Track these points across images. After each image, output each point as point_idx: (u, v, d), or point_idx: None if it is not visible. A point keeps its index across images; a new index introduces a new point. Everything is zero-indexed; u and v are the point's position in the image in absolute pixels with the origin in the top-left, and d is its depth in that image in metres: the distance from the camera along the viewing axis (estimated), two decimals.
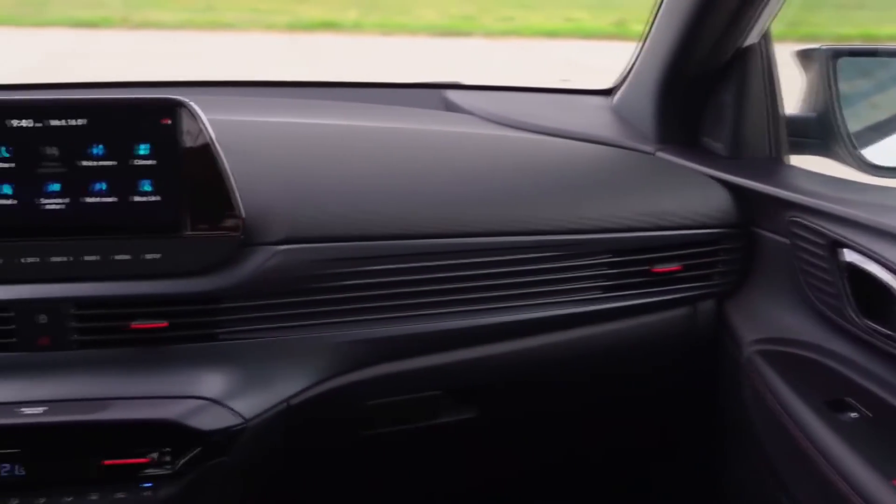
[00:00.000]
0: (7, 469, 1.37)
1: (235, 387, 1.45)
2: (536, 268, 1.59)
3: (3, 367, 1.42)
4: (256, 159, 1.53)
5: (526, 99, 2.11)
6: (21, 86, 2.02)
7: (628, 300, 1.64)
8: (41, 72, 7.43)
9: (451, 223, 1.56)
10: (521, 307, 1.59)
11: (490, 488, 1.91)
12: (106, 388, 1.41)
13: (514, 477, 1.91)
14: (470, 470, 1.84)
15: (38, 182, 1.40)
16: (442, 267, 1.55)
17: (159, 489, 1.40)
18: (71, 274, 1.42)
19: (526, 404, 1.70)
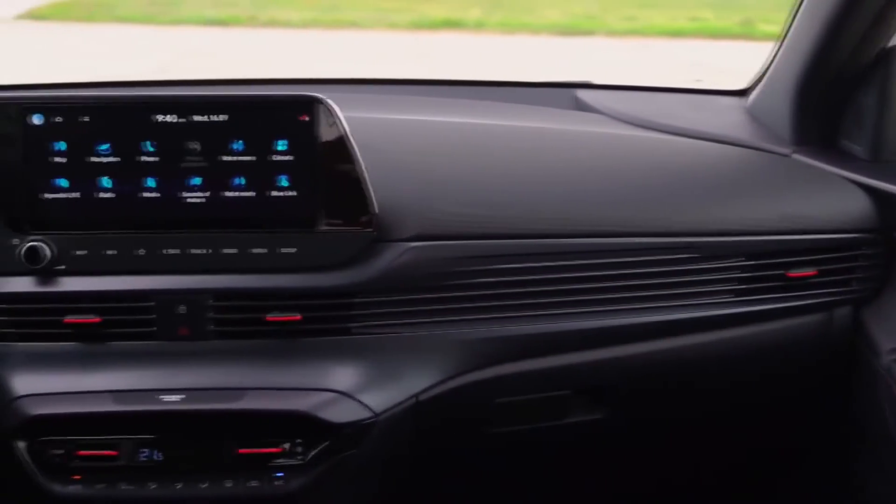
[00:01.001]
0: (146, 454, 1.42)
1: (366, 381, 1.46)
2: (667, 269, 1.57)
3: (144, 355, 1.46)
4: (389, 156, 1.55)
5: (657, 99, 2.09)
6: (158, 82, 2.07)
7: (762, 304, 1.61)
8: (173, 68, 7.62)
9: (582, 223, 1.55)
10: (650, 309, 1.57)
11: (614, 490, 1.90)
12: (241, 379, 1.44)
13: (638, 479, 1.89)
14: (594, 471, 1.83)
15: (181, 176, 1.44)
16: (572, 267, 1.54)
17: (290, 479, 1.43)
18: (210, 266, 1.46)
19: (654, 407, 1.68)
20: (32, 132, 1.42)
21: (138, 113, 1.43)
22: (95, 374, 1.44)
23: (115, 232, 1.45)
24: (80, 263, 1.45)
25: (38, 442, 1.40)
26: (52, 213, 1.44)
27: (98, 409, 1.41)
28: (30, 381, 1.43)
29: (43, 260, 1.42)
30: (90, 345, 1.46)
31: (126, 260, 1.45)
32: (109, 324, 1.45)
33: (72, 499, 1.41)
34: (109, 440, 1.41)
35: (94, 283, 1.45)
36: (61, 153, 1.43)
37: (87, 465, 1.41)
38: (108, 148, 1.43)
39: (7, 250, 1.43)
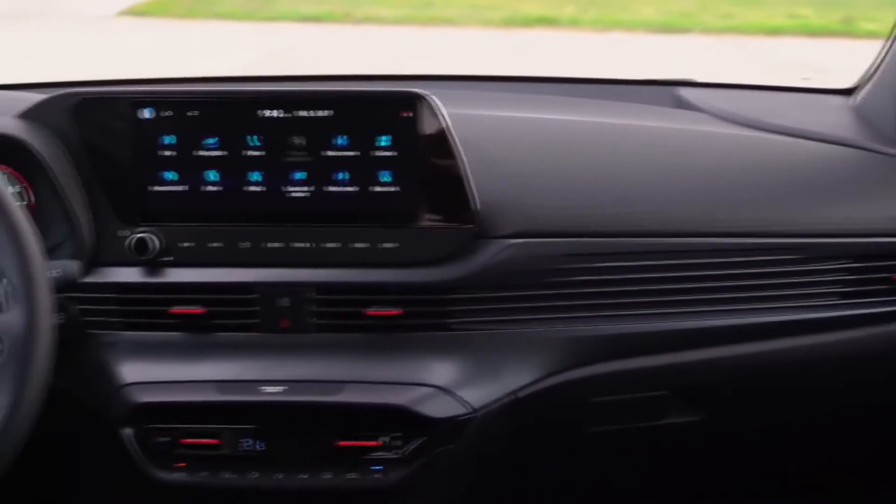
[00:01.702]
0: (248, 444, 1.44)
1: (465, 376, 1.47)
2: (771, 271, 1.54)
3: (246, 346, 1.48)
4: (490, 153, 1.55)
5: (761, 97, 2.05)
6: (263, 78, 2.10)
7: (868, 308, 1.58)
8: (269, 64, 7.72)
9: (686, 223, 1.53)
10: (753, 310, 1.54)
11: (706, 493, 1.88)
12: (340, 372, 1.46)
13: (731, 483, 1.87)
14: (687, 474, 1.81)
15: (285, 170, 1.46)
16: (673, 266, 1.52)
17: (389, 473, 1.44)
18: (312, 259, 1.47)
19: (754, 410, 1.65)
20: (142, 126, 1.46)
21: (245, 108, 1.45)
22: (199, 364, 1.47)
23: (221, 224, 1.48)
24: (187, 255, 1.47)
25: (144, 429, 1.44)
26: (160, 206, 1.47)
27: (202, 399, 1.43)
28: (136, 369, 1.46)
29: (151, 251, 1.45)
30: (194, 335, 1.49)
31: (230, 252, 1.47)
32: (213, 315, 1.47)
33: (176, 485, 1.44)
34: (212, 429, 1.44)
35: (199, 275, 1.47)
36: (170, 147, 1.46)
37: (190, 453, 1.44)
38: (216, 142, 1.46)
39: (117, 241, 1.47)
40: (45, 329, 1.18)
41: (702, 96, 1.97)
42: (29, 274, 1.18)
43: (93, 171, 1.47)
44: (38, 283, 1.18)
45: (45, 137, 1.46)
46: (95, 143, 1.47)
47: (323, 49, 8.81)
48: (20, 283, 1.18)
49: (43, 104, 1.49)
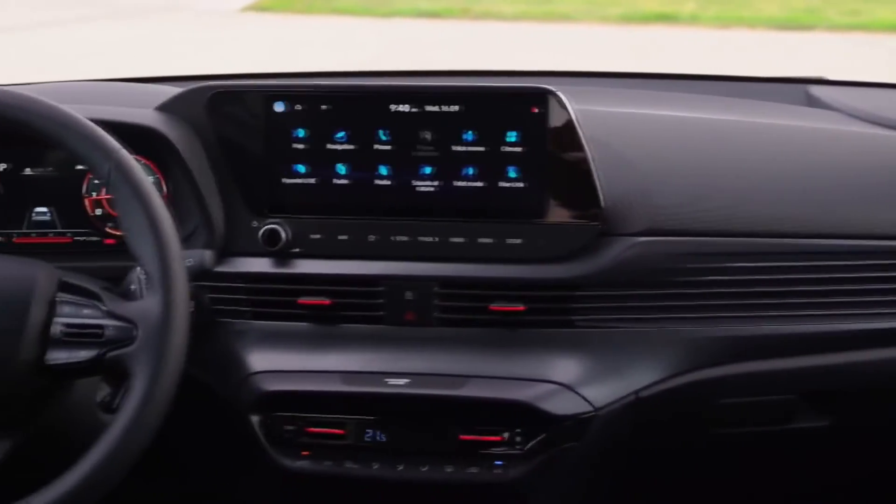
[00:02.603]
0: (370, 435, 1.45)
1: (587, 374, 1.46)
2: None
3: (371, 338, 1.50)
4: (617, 150, 1.54)
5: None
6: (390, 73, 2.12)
7: None
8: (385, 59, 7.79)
9: (818, 224, 1.50)
10: (886, 315, 1.50)
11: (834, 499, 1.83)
12: (464, 366, 1.46)
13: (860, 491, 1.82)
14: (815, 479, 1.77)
15: (413, 164, 1.47)
16: (802, 268, 1.49)
17: (509, 468, 1.44)
18: (437, 254, 1.48)
19: (887, 415, 1.61)
20: (275, 119, 1.48)
21: (375, 102, 1.47)
22: (325, 354, 1.49)
23: (349, 217, 1.49)
24: (315, 247, 1.50)
25: (270, 417, 1.46)
26: (290, 198, 1.50)
27: (327, 389, 1.45)
28: (264, 358, 1.49)
29: (280, 242, 1.48)
30: (321, 326, 1.51)
31: (358, 245, 1.49)
32: (340, 306, 1.49)
33: (300, 473, 1.46)
34: (337, 419, 1.45)
35: (327, 267, 1.49)
36: (301, 140, 1.48)
37: (315, 442, 1.46)
38: (345, 136, 1.48)
39: (248, 232, 1.50)
40: (181, 317, 1.21)
41: (834, 94, 1.93)
42: (166, 262, 1.21)
43: (226, 163, 1.50)
44: (176, 271, 1.21)
45: (181, 129, 1.50)
46: (229, 135, 1.50)
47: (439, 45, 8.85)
48: (157, 272, 1.21)
49: (179, 97, 1.53)
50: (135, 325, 1.20)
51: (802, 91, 1.98)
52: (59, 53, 8.09)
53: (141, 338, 1.19)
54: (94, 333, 1.21)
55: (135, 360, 1.19)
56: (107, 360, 1.21)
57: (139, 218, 1.22)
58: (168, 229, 1.22)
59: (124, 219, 1.24)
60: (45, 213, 1.58)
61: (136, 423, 1.17)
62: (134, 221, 1.23)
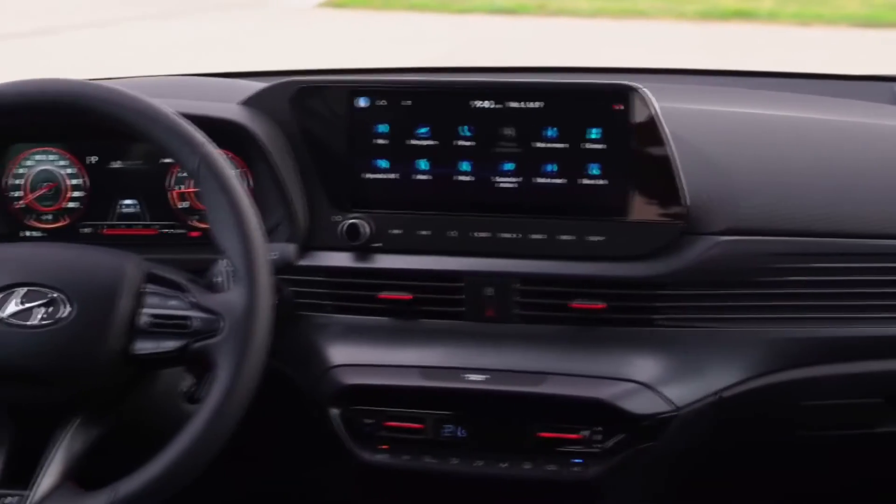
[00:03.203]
0: (450, 430, 1.46)
1: (668, 374, 1.45)
2: None
3: (450, 333, 1.50)
4: (699, 148, 1.52)
5: None
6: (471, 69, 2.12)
7: None
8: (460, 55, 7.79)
9: None
10: None
11: None
12: (543, 363, 1.46)
13: None
14: None
15: (494, 161, 1.47)
16: (891, 269, 1.46)
17: (588, 467, 1.43)
18: (518, 250, 1.48)
19: None
20: (358, 114, 1.49)
21: (457, 98, 1.47)
22: (405, 349, 1.50)
23: (430, 213, 1.50)
24: (396, 242, 1.50)
25: (350, 410, 1.47)
26: (371, 193, 1.51)
27: (407, 384, 1.46)
28: (345, 351, 1.50)
29: (362, 237, 1.49)
30: (401, 321, 1.51)
31: (438, 240, 1.50)
32: (420, 301, 1.50)
33: (379, 467, 1.47)
34: (416, 414, 1.46)
35: (407, 262, 1.50)
36: (383, 135, 1.49)
37: (394, 436, 1.47)
38: (427, 131, 1.48)
39: (330, 226, 1.51)
40: (265, 309, 1.22)
41: None
42: (251, 256, 1.22)
43: (309, 158, 1.52)
44: (260, 264, 1.23)
45: (265, 124, 1.51)
46: (312, 130, 1.51)
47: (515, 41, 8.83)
48: (242, 265, 1.22)
49: (264, 92, 1.55)
50: (220, 316, 1.22)
51: (888, 89, 1.94)
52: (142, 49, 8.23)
53: (226, 329, 1.21)
54: (181, 324, 1.23)
55: (219, 351, 1.21)
56: (192, 351, 1.23)
57: (225, 211, 1.24)
58: (253, 223, 1.24)
59: (210, 212, 1.26)
60: (133, 205, 1.61)
61: (220, 413, 1.19)
62: (220, 215, 1.24)
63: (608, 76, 1.99)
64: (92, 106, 1.26)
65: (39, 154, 1.61)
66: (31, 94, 1.28)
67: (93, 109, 1.26)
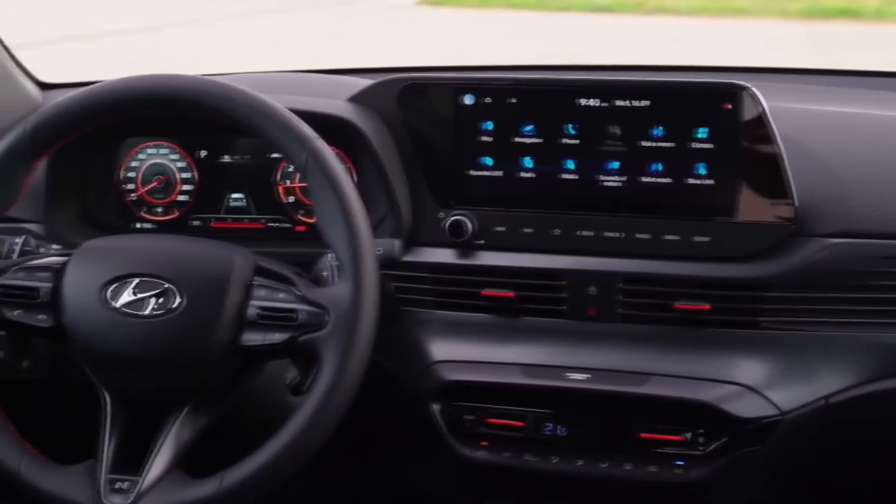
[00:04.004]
0: (550, 428, 1.46)
1: (774, 377, 1.42)
2: None
3: (551, 332, 1.50)
4: (810, 148, 1.50)
5: None
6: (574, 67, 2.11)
7: None
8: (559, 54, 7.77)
9: None
10: None
11: None
12: (645, 363, 1.45)
13: None
14: None
15: (599, 159, 1.47)
16: None
17: (690, 469, 1.42)
18: (622, 249, 1.47)
19: None
20: (464, 112, 1.50)
21: (563, 96, 1.47)
22: (506, 346, 1.50)
23: (533, 211, 1.50)
24: (499, 239, 1.51)
25: (451, 406, 1.48)
26: (475, 190, 1.51)
27: (508, 381, 1.46)
28: (446, 347, 1.50)
29: (465, 234, 1.49)
30: (502, 318, 1.52)
31: (541, 238, 1.49)
32: (522, 299, 1.50)
33: (478, 463, 1.47)
34: (517, 411, 1.46)
35: (510, 259, 1.50)
36: (488, 133, 1.49)
37: (494, 433, 1.47)
38: (532, 129, 1.48)
39: (433, 223, 1.52)
40: (371, 304, 1.23)
41: None
42: (358, 251, 1.24)
43: (414, 154, 1.53)
44: (367, 260, 1.24)
45: (372, 120, 1.53)
46: (418, 126, 1.52)
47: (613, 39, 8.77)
48: (349, 259, 1.24)
49: (371, 89, 1.56)
50: (326, 310, 1.23)
51: None
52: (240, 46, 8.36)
53: (332, 323, 1.22)
54: (288, 317, 1.25)
55: (325, 344, 1.22)
56: (298, 344, 1.24)
57: (333, 206, 1.25)
58: (360, 218, 1.25)
59: (318, 206, 1.27)
60: (241, 199, 1.64)
61: (326, 405, 1.20)
62: (327, 209, 1.26)
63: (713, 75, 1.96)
64: (204, 101, 1.28)
65: (151, 148, 1.65)
66: (145, 89, 1.31)
67: (205, 104, 1.29)
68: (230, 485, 1.21)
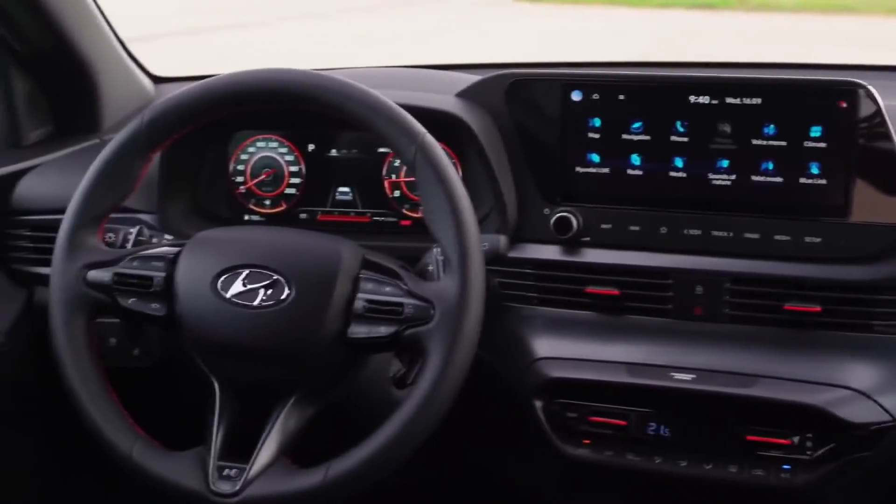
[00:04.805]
0: (653, 428, 1.44)
1: (886, 382, 1.39)
2: None
3: (656, 331, 1.48)
4: None
5: None
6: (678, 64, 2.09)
7: None
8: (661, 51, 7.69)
9: None
10: None
11: None
12: (752, 365, 1.42)
13: None
14: None
15: (709, 157, 1.45)
16: None
17: (796, 474, 1.39)
18: (730, 249, 1.45)
19: None
20: (572, 108, 1.49)
21: (673, 93, 1.45)
22: (610, 344, 1.49)
23: (640, 208, 1.49)
24: (604, 237, 1.50)
25: (553, 403, 1.47)
26: (582, 187, 1.50)
27: (611, 379, 1.45)
28: (549, 344, 1.50)
29: (571, 231, 1.49)
30: (606, 316, 1.51)
31: (648, 237, 1.48)
32: (627, 297, 1.48)
33: (580, 461, 1.47)
34: (620, 410, 1.45)
35: (616, 257, 1.49)
36: (596, 129, 1.49)
37: (597, 431, 1.46)
38: (641, 126, 1.47)
39: (539, 219, 1.51)
40: (477, 299, 1.23)
41: None
42: (465, 246, 1.23)
43: (521, 150, 1.53)
44: (474, 255, 1.24)
45: (479, 116, 1.53)
46: (525, 122, 1.52)
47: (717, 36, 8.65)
48: (456, 254, 1.23)
49: (479, 84, 1.56)
50: (432, 304, 1.23)
51: None
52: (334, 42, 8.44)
53: (438, 317, 1.22)
54: (394, 311, 1.25)
55: (431, 338, 1.22)
56: (404, 337, 1.24)
57: (441, 201, 1.25)
58: (468, 214, 1.25)
59: (426, 201, 1.27)
60: (347, 192, 1.65)
61: (431, 399, 1.20)
62: (435, 204, 1.26)
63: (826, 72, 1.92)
64: (316, 95, 1.29)
65: (261, 141, 1.68)
66: (259, 83, 1.32)
67: (317, 99, 1.30)
68: (335, 475, 1.22)
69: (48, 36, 1.71)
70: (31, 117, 1.81)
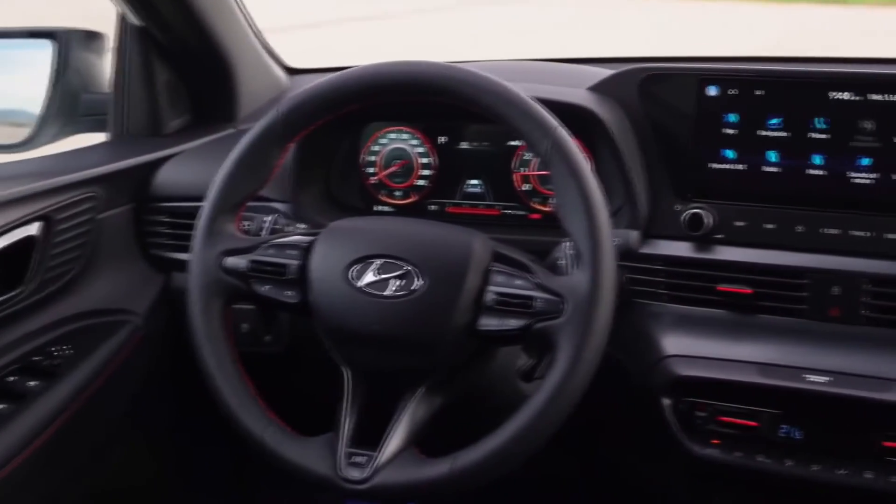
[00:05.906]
0: (785, 430, 1.41)
1: None
2: None
3: (789, 331, 1.45)
4: None
5: None
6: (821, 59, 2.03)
7: None
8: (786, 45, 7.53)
9: None
10: None
11: None
12: (890, 369, 1.38)
13: None
14: None
15: (850, 155, 1.42)
16: None
17: None
18: (870, 249, 1.42)
19: None
20: (707, 103, 1.47)
21: (814, 89, 1.42)
22: (741, 343, 1.46)
23: (776, 206, 1.46)
24: (738, 234, 1.47)
25: (682, 402, 1.45)
26: (715, 183, 1.48)
27: (742, 379, 1.42)
28: (678, 342, 1.48)
29: (704, 227, 1.47)
30: (737, 314, 1.48)
31: (783, 235, 1.45)
32: (760, 296, 1.46)
33: (708, 461, 1.44)
34: (751, 410, 1.42)
35: (749, 255, 1.47)
36: (732, 125, 1.46)
37: (726, 431, 1.43)
38: (779, 122, 1.44)
39: (671, 215, 1.50)
40: (608, 295, 1.22)
41: None
42: (598, 241, 1.22)
43: (653, 145, 1.51)
44: (606, 250, 1.23)
45: (612, 110, 1.52)
46: (658, 117, 1.51)
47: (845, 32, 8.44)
48: (588, 249, 1.22)
49: (612, 79, 1.55)
50: (563, 298, 1.23)
51: None
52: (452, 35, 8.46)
53: (568, 312, 1.22)
54: (524, 304, 1.25)
55: (561, 332, 1.21)
56: (533, 331, 1.24)
57: (574, 195, 1.24)
58: (601, 208, 1.24)
59: (559, 195, 1.26)
60: (477, 185, 1.66)
61: (560, 394, 1.20)
62: (568, 198, 1.25)
63: None
64: (451, 87, 1.30)
65: (393, 133, 1.69)
66: (394, 75, 1.33)
67: (451, 91, 1.30)
68: (462, 466, 1.22)
69: (191, 28, 1.75)
70: (171, 107, 1.86)
